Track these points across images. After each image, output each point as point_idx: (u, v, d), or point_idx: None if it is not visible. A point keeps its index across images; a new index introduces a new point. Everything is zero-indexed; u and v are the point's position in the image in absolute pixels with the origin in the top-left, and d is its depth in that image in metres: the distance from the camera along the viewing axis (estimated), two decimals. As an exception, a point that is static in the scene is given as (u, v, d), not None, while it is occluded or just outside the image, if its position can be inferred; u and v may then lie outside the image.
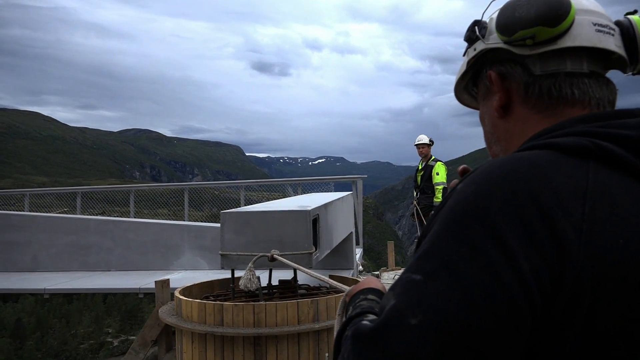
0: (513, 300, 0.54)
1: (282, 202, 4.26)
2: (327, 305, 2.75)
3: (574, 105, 0.73)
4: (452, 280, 0.56)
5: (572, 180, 0.60)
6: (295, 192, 9.62)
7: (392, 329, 0.58)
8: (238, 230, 3.19)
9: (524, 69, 0.76)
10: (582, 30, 0.73)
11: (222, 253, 3.20)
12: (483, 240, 0.57)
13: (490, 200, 0.59)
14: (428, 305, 0.56)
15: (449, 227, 0.61)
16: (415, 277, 0.60)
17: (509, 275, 0.55)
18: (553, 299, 0.56)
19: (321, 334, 2.71)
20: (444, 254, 0.59)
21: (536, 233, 0.56)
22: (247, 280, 2.86)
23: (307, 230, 3.11)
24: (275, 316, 2.65)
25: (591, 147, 0.62)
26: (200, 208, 11.02)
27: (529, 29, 0.73)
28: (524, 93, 0.77)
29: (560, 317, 0.56)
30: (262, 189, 12.31)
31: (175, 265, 7.16)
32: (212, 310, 2.69)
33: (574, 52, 0.73)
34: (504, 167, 0.63)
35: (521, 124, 0.78)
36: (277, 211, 3.17)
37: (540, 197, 0.58)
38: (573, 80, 0.73)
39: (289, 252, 3.01)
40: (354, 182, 9.15)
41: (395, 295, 0.61)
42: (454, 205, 0.63)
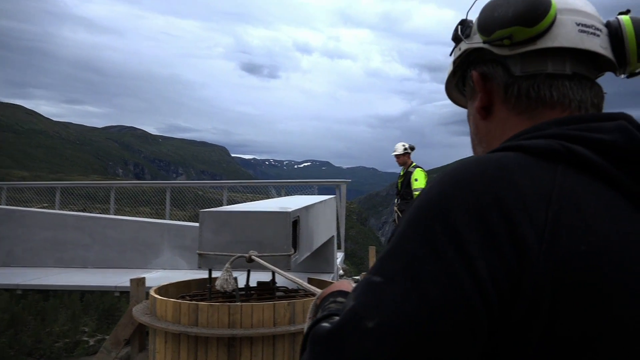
0: (470, 304, 0.53)
1: (262, 203, 4.23)
2: (304, 307, 2.73)
3: (553, 107, 0.72)
4: (410, 282, 0.55)
5: (538, 184, 0.59)
6: (278, 194, 9.60)
7: (348, 332, 0.57)
8: (217, 229, 3.15)
9: (505, 69, 0.75)
10: (564, 30, 0.71)
11: (200, 252, 3.16)
12: (443, 243, 0.56)
13: (452, 202, 0.58)
14: (385, 308, 0.55)
15: (411, 228, 0.60)
16: (375, 279, 0.59)
17: (466, 280, 0.54)
18: (512, 304, 0.55)
19: (297, 336, 2.69)
20: (404, 256, 0.58)
21: (496, 237, 0.56)
22: (224, 280, 2.83)
23: (287, 232, 3.09)
24: (250, 317, 2.62)
25: (561, 150, 0.61)
26: (182, 207, 10.92)
27: (506, 29, 0.72)
28: (503, 94, 0.76)
29: (520, 322, 0.55)
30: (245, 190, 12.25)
31: (154, 264, 7.07)
32: (186, 310, 2.65)
33: (556, 53, 0.72)
34: (470, 169, 0.62)
35: (501, 125, 0.77)
36: (256, 212, 3.14)
37: (504, 201, 0.57)
38: (553, 82, 0.72)
39: (268, 254, 2.99)
40: (338, 186, 9.16)
41: (355, 296, 0.60)
42: (418, 206, 0.62)
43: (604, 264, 0.56)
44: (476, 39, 0.79)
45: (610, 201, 0.59)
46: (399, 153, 7.62)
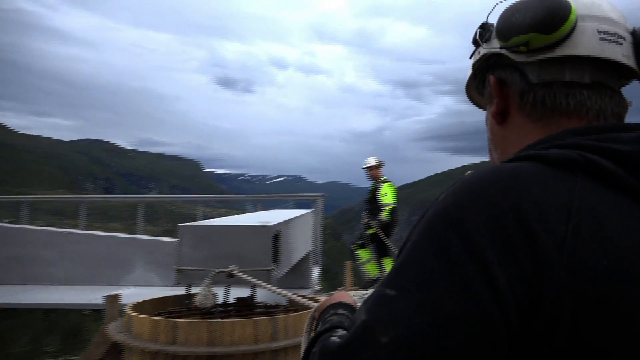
0: (488, 317, 0.52)
1: (241, 218, 4.18)
2: (286, 323, 2.68)
3: (569, 116, 0.70)
4: (425, 296, 0.54)
5: (557, 196, 0.57)
6: (254, 209, 9.50)
7: (361, 346, 0.55)
8: (196, 244, 3.09)
9: (522, 76, 0.74)
10: (583, 38, 0.69)
11: (178, 268, 3.08)
12: (460, 254, 0.54)
13: (468, 212, 0.57)
14: (399, 322, 0.54)
15: (425, 239, 0.58)
16: (389, 292, 0.57)
17: (484, 292, 0.52)
18: (532, 316, 0.53)
19: (279, 353, 2.63)
20: (419, 268, 0.56)
21: (515, 249, 0.54)
22: (204, 297, 2.76)
23: (267, 247, 3.05)
24: (231, 334, 2.55)
25: (579, 160, 0.60)
26: (154, 223, 10.70)
27: (523, 35, 0.70)
28: (519, 101, 0.74)
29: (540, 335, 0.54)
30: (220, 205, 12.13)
31: (126, 281, 6.86)
32: (164, 327, 2.57)
33: (575, 61, 0.70)
34: (486, 179, 0.60)
35: (517, 132, 0.76)
36: (237, 226, 3.09)
37: (521, 211, 0.55)
38: (570, 90, 0.70)
39: (248, 269, 2.93)
40: (315, 200, 9.13)
41: (366, 310, 0.58)
42: (432, 216, 0.60)
43: (626, 279, 0.54)
44: (495, 44, 0.77)
45: (629, 213, 0.58)
46: (371, 165, 7.65)
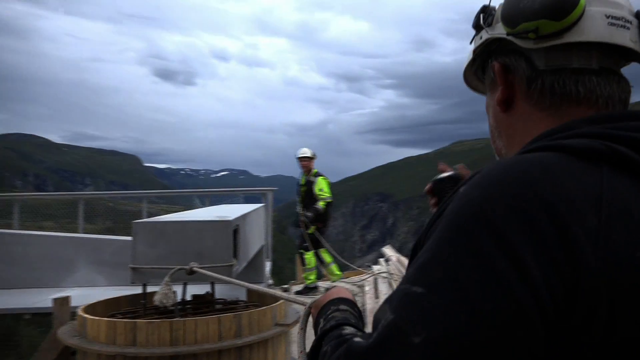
0: (524, 313, 0.51)
1: (198, 213, 4.07)
2: (250, 320, 2.64)
3: (579, 103, 0.69)
4: (457, 293, 0.52)
5: (586, 187, 0.56)
6: (203, 204, 9.27)
7: (393, 348, 0.53)
8: (152, 242, 2.97)
9: (528, 62, 0.72)
10: (592, 23, 0.68)
11: (133, 267, 2.95)
12: (491, 249, 0.53)
13: (498, 205, 0.55)
14: (432, 322, 0.52)
15: (452, 234, 0.56)
16: (416, 290, 0.55)
17: (519, 287, 0.51)
18: (567, 310, 0.53)
19: (243, 350, 2.59)
20: (447, 265, 0.54)
21: (548, 242, 0.53)
22: (164, 295, 2.66)
23: (228, 242, 2.98)
24: (194, 333, 2.48)
25: (605, 150, 0.59)
26: (93, 221, 10.19)
27: (532, 22, 0.68)
28: (526, 88, 0.72)
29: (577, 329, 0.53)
30: (162, 201, 11.73)
31: (68, 282, 6.52)
32: (123, 329, 2.46)
33: (582, 47, 0.69)
34: (512, 170, 0.58)
35: (524, 120, 0.74)
36: (196, 221, 3.00)
37: (552, 204, 0.54)
38: (579, 77, 0.69)
39: (209, 265, 2.86)
40: (264, 194, 9.04)
41: (393, 309, 0.56)
42: (457, 210, 0.58)
43: None
44: (499, 29, 0.75)
45: None
46: (308, 155, 7.55)
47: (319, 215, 7.33)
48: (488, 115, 0.84)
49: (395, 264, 6.60)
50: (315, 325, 0.89)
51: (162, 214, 9.54)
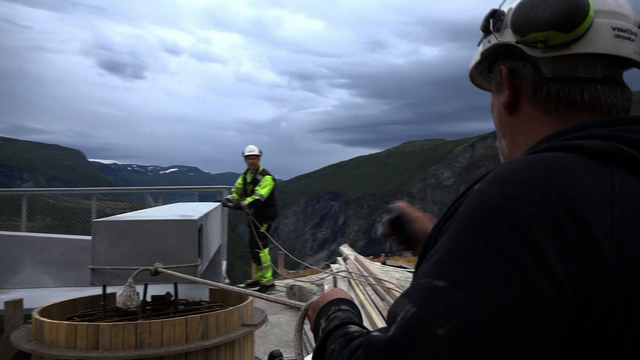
0: (548, 307, 0.52)
1: (160, 211, 3.95)
2: (217, 320, 2.60)
3: (584, 110, 0.72)
4: (482, 287, 0.53)
5: (599, 186, 0.59)
6: (156, 202, 9.02)
7: (416, 340, 0.54)
8: (113, 241, 2.86)
9: (535, 69, 0.74)
10: (599, 35, 0.70)
11: (93, 267, 2.84)
12: (514, 244, 0.54)
13: (519, 202, 0.56)
14: (456, 314, 0.53)
15: (472, 229, 0.57)
16: (438, 284, 0.56)
17: (543, 282, 0.53)
18: (587, 306, 0.55)
19: (210, 352, 2.55)
20: (470, 259, 0.55)
21: (569, 238, 0.55)
22: (127, 297, 2.58)
23: (194, 241, 2.92)
24: (160, 335, 2.42)
25: (614, 151, 0.62)
26: (31, 218, 9.68)
27: (542, 32, 0.70)
28: (532, 93, 0.75)
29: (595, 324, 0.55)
30: (110, 198, 11.26)
31: (11, 283, 6.17)
32: (84, 332, 2.36)
33: (588, 57, 0.71)
34: (529, 168, 0.60)
35: (529, 123, 0.77)
36: (160, 220, 2.92)
37: (571, 200, 0.56)
38: (584, 85, 0.72)
39: (174, 265, 2.79)
40: (220, 192, 8.91)
41: (414, 302, 0.56)
42: (475, 206, 0.59)
43: None
44: (507, 35, 0.77)
45: None
46: (255, 153, 7.52)
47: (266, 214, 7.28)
48: (493, 114, 0.87)
49: (354, 262, 6.67)
50: (315, 326, 0.89)
51: (109, 211, 9.18)
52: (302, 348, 1.01)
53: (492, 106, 0.87)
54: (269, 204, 7.35)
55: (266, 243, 7.47)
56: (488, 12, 0.81)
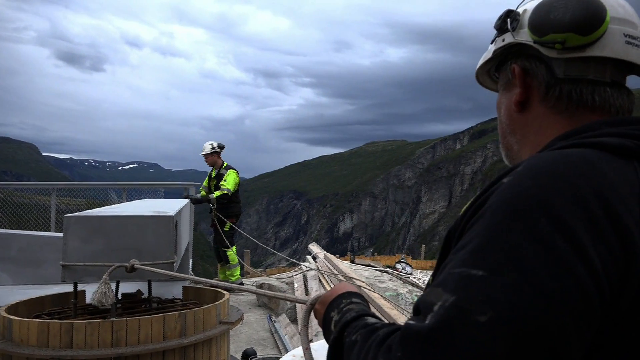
0: (587, 294, 0.54)
1: (132, 207, 3.85)
2: (195, 318, 2.57)
3: (593, 111, 0.76)
4: (521, 275, 0.54)
5: (626, 179, 0.62)
6: (120, 198, 8.77)
7: (457, 328, 0.54)
8: (86, 237, 2.77)
9: (548, 69, 0.77)
10: (612, 40, 0.74)
11: (65, 264, 2.75)
12: (552, 234, 0.56)
13: (554, 193, 0.58)
14: (497, 301, 0.53)
15: (508, 219, 0.58)
16: (476, 273, 0.56)
17: (581, 269, 0.55)
18: (619, 295, 0.57)
19: (188, 350, 2.51)
20: (508, 248, 0.56)
21: (604, 229, 0.57)
22: (102, 294, 2.51)
23: (170, 237, 2.87)
24: (137, 333, 2.36)
25: (634, 148, 0.66)
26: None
27: (561, 34, 0.73)
28: (544, 93, 0.78)
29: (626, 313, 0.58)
30: (66, 194, 10.80)
31: (-35, 281, 5.88)
32: (57, 330, 2.28)
33: (598, 61, 0.75)
34: (561, 162, 0.63)
35: (539, 121, 0.79)
36: (136, 216, 2.85)
37: (604, 194, 0.59)
38: (595, 87, 0.75)
39: (150, 262, 2.73)
40: (187, 189, 8.76)
41: (451, 291, 0.57)
42: (509, 198, 0.60)
43: None
44: (523, 35, 0.79)
45: None
46: (206, 152, 7.44)
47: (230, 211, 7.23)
48: (498, 112, 0.89)
49: (323, 260, 6.70)
50: (325, 320, 0.89)
51: (65, 207, 8.84)
52: (308, 342, 1.01)
53: (498, 104, 0.89)
54: (233, 201, 7.27)
55: (232, 241, 7.40)
56: (503, 12, 0.84)
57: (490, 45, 0.89)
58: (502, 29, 0.83)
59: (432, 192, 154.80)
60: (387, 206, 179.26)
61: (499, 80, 0.90)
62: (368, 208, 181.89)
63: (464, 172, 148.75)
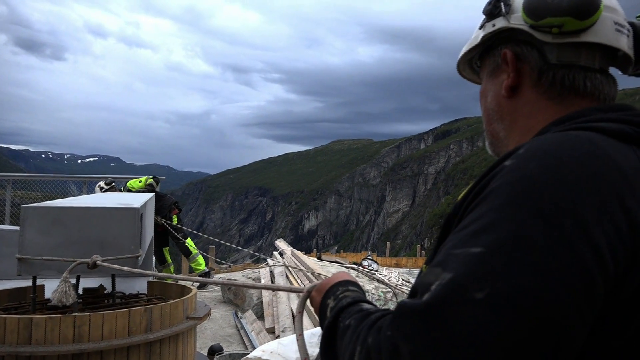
0: (589, 274, 0.53)
1: (95, 199, 3.72)
2: (162, 313, 2.50)
3: (583, 97, 0.76)
4: (522, 252, 0.53)
5: (630, 161, 0.62)
6: (80, 191, 8.48)
7: (453, 304, 0.53)
8: (45, 229, 2.65)
9: (541, 54, 0.77)
10: (605, 27, 0.75)
11: (21, 257, 2.62)
12: (556, 214, 0.55)
13: (559, 175, 0.58)
14: (495, 278, 0.52)
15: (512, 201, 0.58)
16: (475, 250, 0.55)
17: (585, 249, 0.54)
18: (625, 278, 0.56)
19: (154, 345, 2.44)
20: (510, 227, 0.56)
21: (610, 208, 0.57)
22: (63, 293, 2.40)
23: (136, 231, 2.77)
24: (101, 329, 2.28)
25: (632, 133, 0.66)
26: None
27: (559, 18, 0.73)
28: (537, 78, 0.78)
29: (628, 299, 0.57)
30: (20, 186, 10.35)
31: None
32: (15, 325, 2.18)
33: (589, 47, 0.76)
34: (565, 144, 0.62)
35: (529, 106, 0.79)
36: (99, 207, 2.75)
37: (609, 174, 0.59)
38: (587, 73, 0.76)
39: (113, 257, 2.64)
40: (150, 183, 8.54)
41: (450, 269, 0.56)
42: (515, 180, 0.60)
43: None
44: (517, 19, 0.79)
45: None
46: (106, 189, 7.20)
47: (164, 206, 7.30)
48: (483, 99, 0.88)
49: (290, 257, 6.67)
50: (322, 307, 0.88)
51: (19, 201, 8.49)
52: (302, 329, 0.99)
53: (484, 91, 0.89)
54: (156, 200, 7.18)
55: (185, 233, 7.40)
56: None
57: (477, 31, 0.88)
58: (493, 14, 0.83)
59: (397, 191, 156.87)
60: (352, 204, 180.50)
61: (485, 67, 0.89)
62: (333, 206, 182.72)
63: (427, 171, 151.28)
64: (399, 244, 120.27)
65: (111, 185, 7.18)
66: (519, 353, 0.50)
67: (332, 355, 0.74)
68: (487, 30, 0.84)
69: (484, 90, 0.89)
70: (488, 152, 0.90)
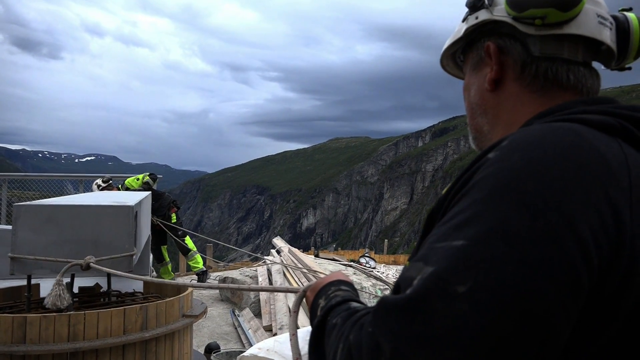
0: (574, 268, 0.52)
1: (89, 197, 3.70)
2: (157, 311, 2.49)
3: (566, 90, 0.76)
4: (505, 245, 0.52)
5: (614, 153, 0.61)
6: (76, 190, 8.45)
7: (435, 298, 0.52)
8: (38, 228, 2.63)
9: (524, 47, 0.76)
10: (587, 19, 0.75)
11: (14, 256, 2.60)
12: (540, 206, 0.54)
13: (543, 165, 0.57)
14: (477, 272, 0.51)
15: (495, 193, 0.57)
16: (457, 243, 0.54)
17: (570, 242, 0.53)
18: (610, 268, 0.55)
19: (149, 343, 2.43)
20: (493, 220, 0.55)
21: (595, 200, 0.56)
22: (57, 297, 2.38)
23: (130, 229, 2.76)
24: (96, 327, 2.27)
25: (617, 125, 0.66)
26: None
27: (541, 9, 0.72)
28: (520, 71, 0.77)
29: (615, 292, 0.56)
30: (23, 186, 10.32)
31: None
32: (9, 324, 2.16)
33: (572, 40, 0.75)
34: (549, 135, 0.61)
35: (513, 100, 0.79)
36: (93, 206, 2.73)
37: (593, 166, 0.58)
38: (570, 66, 0.76)
39: (107, 257, 2.62)
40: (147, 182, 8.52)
41: (433, 262, 0.54)
42: (498, 172, 0.59)
43: None
44: (500, 11, 0.78)
45: None
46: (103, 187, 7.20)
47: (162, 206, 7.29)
48: (466, 93, 0.88)
49: (288, 254, 6.66)
50: (314, 306, 0.88)
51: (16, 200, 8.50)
52: (296, 329, 0.98)
53: (467, 85, 0.88)
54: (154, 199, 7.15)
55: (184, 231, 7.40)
56: None
57: (460, 24, 0.87)
58: (475, 7, 0.82)
59: (394, 189, 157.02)
60: (350, 202, 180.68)
61: (468, 61, 0.88)
62: (331, 204, 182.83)
63: (425, 169, 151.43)
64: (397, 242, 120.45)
65: (109, 182, 7.15)
66: (502, 348, 0.49)
67: (319, 353, 0.73)
68: (470, 23, 0.83)
69: (467, 84, 0.88)
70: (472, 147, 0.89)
